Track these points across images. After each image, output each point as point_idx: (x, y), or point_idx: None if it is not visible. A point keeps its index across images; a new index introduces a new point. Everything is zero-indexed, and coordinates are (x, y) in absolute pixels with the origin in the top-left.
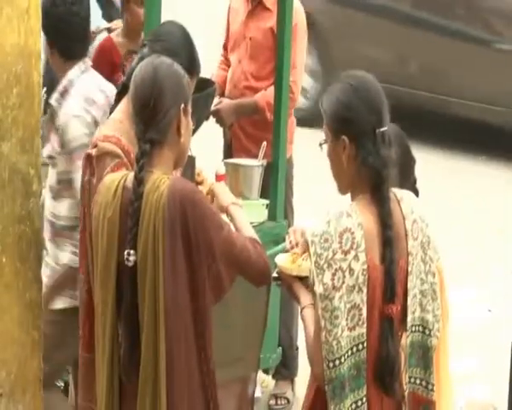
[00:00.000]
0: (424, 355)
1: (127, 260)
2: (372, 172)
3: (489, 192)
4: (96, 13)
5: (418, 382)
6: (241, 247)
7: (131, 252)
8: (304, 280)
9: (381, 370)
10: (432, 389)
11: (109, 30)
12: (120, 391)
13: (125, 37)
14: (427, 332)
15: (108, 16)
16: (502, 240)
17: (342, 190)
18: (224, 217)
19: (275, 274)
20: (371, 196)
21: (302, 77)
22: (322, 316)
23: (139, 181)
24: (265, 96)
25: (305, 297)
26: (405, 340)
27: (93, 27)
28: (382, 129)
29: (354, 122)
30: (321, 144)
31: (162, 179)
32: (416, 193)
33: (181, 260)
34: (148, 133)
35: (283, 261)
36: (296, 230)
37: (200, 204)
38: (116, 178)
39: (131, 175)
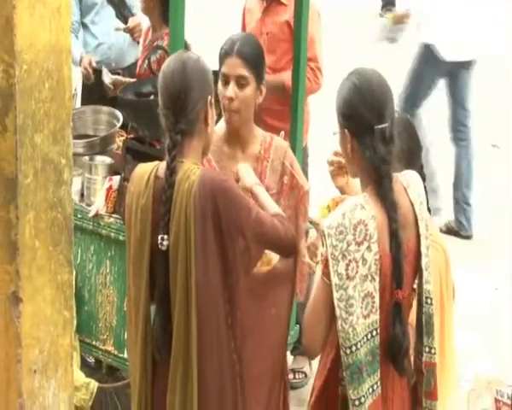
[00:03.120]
0: (427, 323)
1: (161, 244)
2: (371, 168)
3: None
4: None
5: (422, 348)
6: (271, 225)
7: (165, 237)
8: None
9: (391, 351)
10: (434, 353)
11: (128, 30)
12: (153, 370)
13: None
14: (429, 301)
15: (122, 16)
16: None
17: (352, 174)
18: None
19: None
20: (376, 188)
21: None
22: (338, 305)
23: (171, 171)
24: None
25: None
26: (413, 316)
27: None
28: (381, 126)
29: (353, 119)
30: (334, 133)
31: (193, 169)
32: (423, 178)
33: (212, 244)
34: (179, 125)
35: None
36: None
37: (229, 191)
38: (148, 169)
39: (162, 165)
